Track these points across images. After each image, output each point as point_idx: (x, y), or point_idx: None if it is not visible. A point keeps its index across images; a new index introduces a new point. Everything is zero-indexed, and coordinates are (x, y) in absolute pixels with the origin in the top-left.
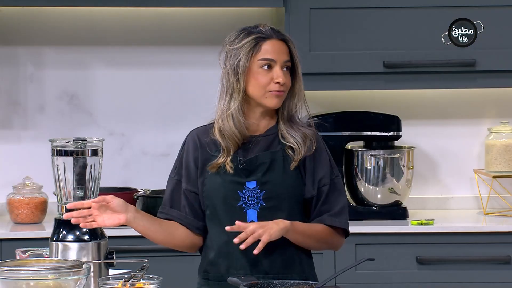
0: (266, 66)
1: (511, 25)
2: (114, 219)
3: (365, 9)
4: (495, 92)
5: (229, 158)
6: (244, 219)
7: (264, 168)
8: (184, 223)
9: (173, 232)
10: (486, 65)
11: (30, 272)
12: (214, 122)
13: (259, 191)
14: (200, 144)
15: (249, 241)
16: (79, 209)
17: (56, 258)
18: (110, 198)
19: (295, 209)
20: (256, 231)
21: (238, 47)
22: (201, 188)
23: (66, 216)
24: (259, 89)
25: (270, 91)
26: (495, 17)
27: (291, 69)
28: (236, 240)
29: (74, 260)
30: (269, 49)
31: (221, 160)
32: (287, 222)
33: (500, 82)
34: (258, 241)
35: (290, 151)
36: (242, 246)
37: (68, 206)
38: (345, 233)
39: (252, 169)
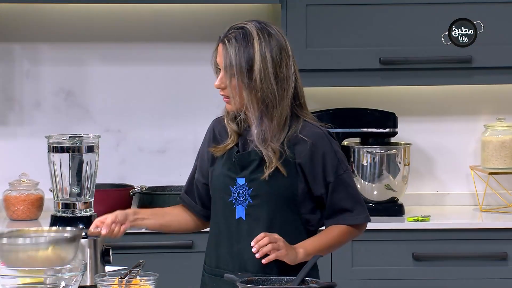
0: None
1: (507, 22)
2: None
3: (361, 6)
4: (491, 88)
5: (229, 145)
6: (233, 214)
7: (254, 165)
8: (193, 211)
9: (179, 220)
10: (482, 62)
11: (29, 244)
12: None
13: (247, 188)
14: (213, 133)
15: (267, 249)
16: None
17: (54, 228)
18: (110, 217)
19: (285, 209)
20: (278, 243)
21: None
22: (210, 177)
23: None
24: None
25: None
26: (493, 14)
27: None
28: (256, 251)
29: (72, 230)
30: (218, 52)
31: (222, 145)
32: (301, 254)
33: (496, 79)
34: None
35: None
36: (259, 258)
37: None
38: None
39: (244, 165)
